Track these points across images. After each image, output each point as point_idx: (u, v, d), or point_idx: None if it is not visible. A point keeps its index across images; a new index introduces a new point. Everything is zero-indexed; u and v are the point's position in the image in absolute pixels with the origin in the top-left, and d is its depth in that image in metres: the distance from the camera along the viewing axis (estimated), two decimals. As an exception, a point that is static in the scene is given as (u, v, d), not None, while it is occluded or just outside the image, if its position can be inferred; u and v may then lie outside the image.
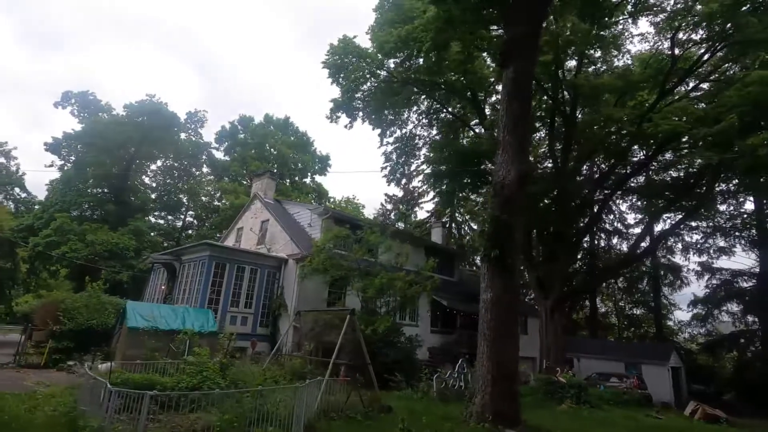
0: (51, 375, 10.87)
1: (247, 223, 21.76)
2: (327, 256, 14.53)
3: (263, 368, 8.96)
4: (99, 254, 28.69)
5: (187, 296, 16.54)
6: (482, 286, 7.63)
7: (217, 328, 13.96)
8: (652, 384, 22.07)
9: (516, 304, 7.50)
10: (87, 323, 12.68)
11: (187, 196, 40.60)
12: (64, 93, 34.19)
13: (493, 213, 7.40)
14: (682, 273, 29.72)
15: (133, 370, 9.09)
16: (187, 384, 7.83)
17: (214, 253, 16.03)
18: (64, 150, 31.70)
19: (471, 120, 25.18)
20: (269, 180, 22.03)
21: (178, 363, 9.03)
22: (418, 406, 8.48)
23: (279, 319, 17.05)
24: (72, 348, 12.46)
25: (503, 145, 7.82)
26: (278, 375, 8.84)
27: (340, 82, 22.06)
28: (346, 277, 15.39)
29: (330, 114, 22.70)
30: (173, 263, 18.00)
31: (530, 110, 8.66)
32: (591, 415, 10.40)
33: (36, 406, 6.62)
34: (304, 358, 9.69)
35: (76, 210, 32.79)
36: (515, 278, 7.47)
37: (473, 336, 23.20)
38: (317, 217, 19.18)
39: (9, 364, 11.77)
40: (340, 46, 21.18)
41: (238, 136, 41.79)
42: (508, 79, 7.95)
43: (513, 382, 7.26)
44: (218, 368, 8.42)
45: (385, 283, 13.25)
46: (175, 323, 12.64)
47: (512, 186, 7.49)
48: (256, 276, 17.07)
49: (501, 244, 7.20)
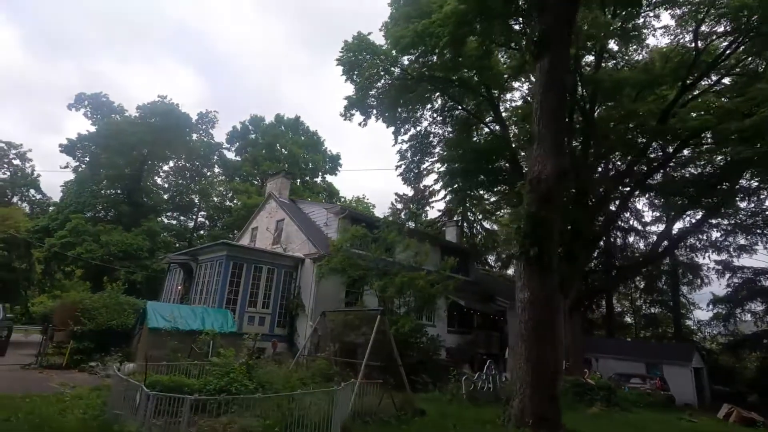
0: (74, 376, 10.79)
1: (262, 223, 21.65)
2: (345, 256, 14.32)
3: (289, 369, 8.76)
4: (113, 255, 28.84)
5: (204, 296, 16.45)
6: (518, 285, 7.36)
7: (237, 328, 13.85)
8: (674, 385, 21.59)
9: (555, 304, 7.24)
10: (107, 324, 12.61)
11: (198, 197, 40.72)
12: (78, 95, 34.50)
13: (530, 209, 7.12)
14: (702, 272, 29.07)
15: (157, 372, 8.96)
16: (215, 386, 7.66)
17: (232, 252, 15.92)
18: (78, 151, 31.90)
19: (485, 117, 24.85)
20: (284, 179, 21.91)
21: (203, 364, 8.86)
22: (450, 409, 8.25)
23: (296, 319, 16.91)
24: (92, 348, 12.40)
25: (538, 138, 7.54)
26: (305, 377, 8.64)
27: (354, 80, 21.87)
28: (365, 277, 15.16)
29: (344, 111, 22.50)
30: (190, 263, 17.94)
31: (566, 102, 8.36)
32: (623, 418, 10.09)
33: (65, 408, 6.49)
34: (329, 359, 9.49)
35: (90, 211, 33.01)
36: (554, 277, 7.19)
37: (490, 336, 23.15)
38: (333, 217, 19.01)
39: (32, 365, 11.73)
40: (354, 43, 20.97)
41: (249, 136, 41.82)
42: (542, 71, 7.68)
43: (553, 385, 6.99)
44: (244, 370, 8.23)
45: (406, 282, 13.00)
46: (194, 324, 12.54)
47: (549, 181, 7.21)
48: (273, 276, 16.93)
49: (539, 241, 6.93)
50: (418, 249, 14.92)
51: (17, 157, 37.36)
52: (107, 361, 11.59)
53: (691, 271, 30.37)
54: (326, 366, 9.15)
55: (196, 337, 11.52)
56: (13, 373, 10.67)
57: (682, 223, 22.98)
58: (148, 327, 11.80)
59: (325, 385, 8.37)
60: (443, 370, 11.98)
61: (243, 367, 8.26)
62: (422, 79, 21.54)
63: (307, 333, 16.22)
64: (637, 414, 11.50)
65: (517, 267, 7.44)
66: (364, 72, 21.49)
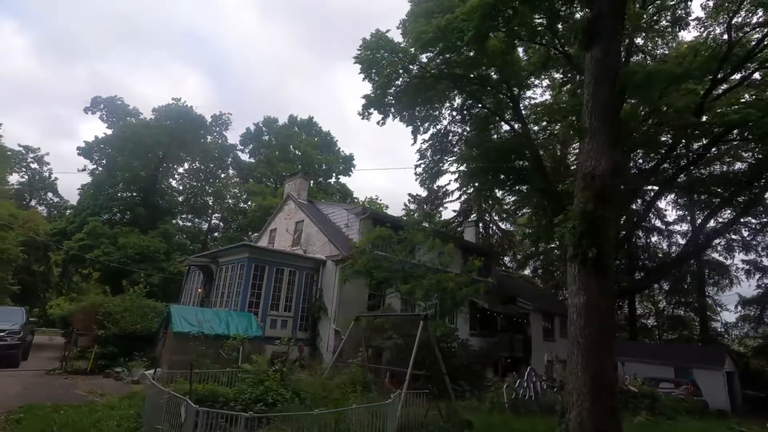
0: (100, 382, 10.55)
1: (281, 224, 21.38)
2: (371, 257, 13.93)
3: (323, 376, 8.39)
4: (131, 257, 28.82)
5: (225, 299, 16.19)
6: (571, 288, 6.89)
7: (261, 332, 13.54)
8: (706, 390, 20.81)
9: (613, 309, 6.76)
10: (131, 328, 12.37)
11: (213, 199, 40.71)
12: (93, 98, 34.68)
13: (585, 207, 6.64)
14: (731, 272, 28.13)
15: (184, 378, 8.65)
16: (250, 396, 7.33)
17: (254, 254, 15.63)
18: (95, 154, 32.00)
19: (505, 116, 24.33)
20: (302, 180, 21.61)
21: (235, 371, 8.53)
22: (494, 420, 7.81)
23: (318, 323, 16.56)
24: (116, 353, 12.16)
25: (590, 132, 7.07)
26: (340, 384, 8.26)
27: (373, 78, 21.51)
28: (389, 279, 14.76)
29: (362, 110, 22.09)
30: (210, 266, 17.71)
31: (616, 94, 7.87)
32: (672, 428, 9.53)
33: (99, 420, 6.18)
34: (363, 365, 9.10)
35: (106, 213, 33.12)
36: (611, 280, 6.72)
37: (513, 339, 22.58)
38: (354, 218, 18.65)
39: (56, 370, 11.53)
40: (372, 41, 20.59)
41: (262, 137, 41.71)
42: (594, 60, 7.21)
43: (613, 397, 6.50)
44: (278, 377, 7.88)
45: (434, 284, 12.56)
46: (219, 328, 12.24)
47: (605, 177, 6.74)
48: (294, 278, 16.62)
49: (597, 242, 6.46)
50: (442, 250, 14.46)
51: (35, 161, 37.70)
52: (132, 366, 11.35)
53: (718, 272, 29.42)
54: (360, 373, 8.76)
55: (223, 342, 11.24)
56: (38, 379, 10.47)
57: (709, 222, 22.15)
58: (173, 331, 11.52)
59: (364, 394, 7.99)
60: (476, 377, 11.51)
61: (277, 375, 7.92)
62: (442, 77, 21.12)
63: (330, 337, 15.90)
64: (684, 423, 10.92)
65: (570, 270, 6.96)
66: (383, 70, 21.13)
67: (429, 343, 7.69)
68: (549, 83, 26.63)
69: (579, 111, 24.78)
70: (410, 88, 22.15)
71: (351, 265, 14.98)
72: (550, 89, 27.27)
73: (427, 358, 7.67)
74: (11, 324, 12.50)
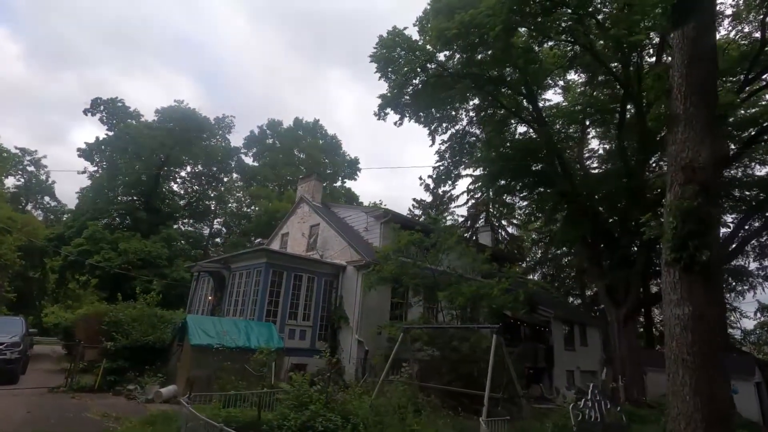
0: (111, 402, 9.48)
1: (294, 228, 20.40)
2: (400, 263, 12.98)
3: (372, 398, 7.41)
4: (132, 263, 27.66)
5: (240, 308, 15.16)
6: (670, 297, 5.98)
7: (282, 343, 12.52)
8: (737, 401, 19.93)
9: (723, 321, 5.93)
10: (143, 339, 11.29)
11: (215, 203, 39.62)
12: (93, 99, 33.58)
13: (690, 203, 5.76)
14: (753, 278, 27.34)
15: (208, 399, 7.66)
16: (295, 422, 6.34)
17: (272, 259, 14.64)
18: (96, 155, 30.89)
19: (524, 116, 23.64)
20: (316, 182, 20.66)
21: (273, 391, 7.54)
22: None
23: (339, 333, 15.56)
24: (126, 367, 11.07)
25: (684, 119, 6.23)
26: (391, 406, 7.26)
27: (389, 77, 20.72)
28: (419, 286, 13.82)
29: (378, 111, 21.26)
30: (222, 271, 16.68)
31: (716, 75, 7.04)
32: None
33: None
34: (410, 383, 8.14)
35: (106, 218, 31.94)
36: (720, 287, 5.88)
37: (536, 348, 21.61)
38: (374, 221, 17.73)
39: (60, 388, 10.39)
40: (389, 39, 19.82)
41: (266, 140, 40.79)
42: (686, 39, 6.40)
43: (728, 423, 5.60)
44: (323, 400, 6.89)
45: (474, 292, 11.62)
46: (240, 339, 11.23)
47: (708, 169, 5.89)
48: (313, 285, 15.63)
49: (706, 243, 5.59)
50: (476, 256, 13.55)
51: (32, 164, 36.49)
52: (146, 383, 10.28)
53: (737, 277, 28.64)
54: (410, 392, 7.78)
55: (249, 355, 10.20)
56: (42, 399, 9.37)
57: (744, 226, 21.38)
58: (191, 344, 10.49)
59: (417, 416, 7.02)
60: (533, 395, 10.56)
61: (322, 397, 6.92)
62: (460, 76, 20.41)
63: (353, 348, 14.88)
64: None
65: (667, 276, 6.06)
66: (400, 69, 20.38)
67: (503, 361, 6.74)
68: (563, 84, 26.04)
69: (600, 110, 23.91)
70: (427, 87, 21.37)
71: (377, 271, 14.03)
72: (564, 90, 26.66)
73: (499, 377, 6.72)
74: (10, 336, 11.41)
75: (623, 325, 19.49)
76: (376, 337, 14.95)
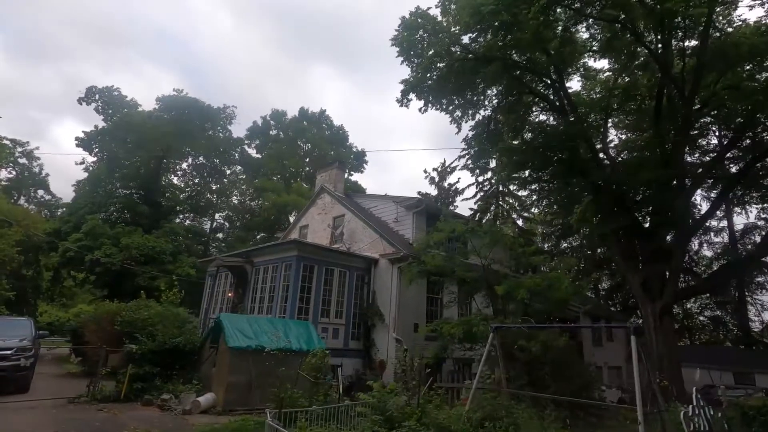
0: (144, 414, 8.29)
1: (314, 220, 19.22)
2: (445, 256, 11.92)
3: (466, 411, 6.35)
4: (134, 259, 26.23)
5: (266, 305, 14.00)
6: None
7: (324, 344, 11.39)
8: (772, 397, 19.32)
9: None
10: (172, 342, 10.09)
11: (216, 197, 38.13)
12: (88, 88, 31.79)
13: None
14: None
15: (256, 412, 6.52)
16: (393, 442, 5.26)
17: (303, 252, 13.50)
18: (94, 146, 29.23)
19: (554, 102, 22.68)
20: (338, 171, 19.46)
21: (354, 404, 6.44)
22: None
23: (373, 330, 14.49)
24: (153, 374, 9.88)
25: None
26: (492, 418, 6.21)
27: (412, 61, 19.57)
28: (463, 280, 12.79)
29: (401, 97, 20.10)
30: (244, 266, 15.47)
31: None
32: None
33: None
34: (503, 390, 7.10)
35: (104, 212, 30.35)
36: None
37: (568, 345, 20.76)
38: (405, 211, 16.64)
39: (82, 398, 9.16)
40: (412, 20, 18.63)
41: (270, 132, 39.34)
42: None
43: None
44: (418, 414, 5.82)
45: (537, 284, 10.61)
46: (281, 341, 10.08)
47: None
48: (345, 280, 14.53)
49: None
50: (524, 249, 12.56)
51: (23, 156, 34.65)
52: (180, 391, 9.11)
53: (760, 270, 28.09)
54: (501, 401, 6.75)
55: (293, 358, 9.10)
56: (65, 412, 8.15)
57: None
58: (229, 346, 9.34)
59: None
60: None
61: (417, 412, 5.84)
62: (489, 59, 19.33)
63: (389, 347, 13.81)
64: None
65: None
66: (424, 52, 19.25)
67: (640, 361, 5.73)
68: (583, 72, 25.06)
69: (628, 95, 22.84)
70: (451, 72, 20.30)
71: (417, 264, 12.95)
72: (585, 79, 25.68)
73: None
74: (19, 339, 10.14)
75: (660, 321, 18.70)
76: (413, 335, 13.94)
